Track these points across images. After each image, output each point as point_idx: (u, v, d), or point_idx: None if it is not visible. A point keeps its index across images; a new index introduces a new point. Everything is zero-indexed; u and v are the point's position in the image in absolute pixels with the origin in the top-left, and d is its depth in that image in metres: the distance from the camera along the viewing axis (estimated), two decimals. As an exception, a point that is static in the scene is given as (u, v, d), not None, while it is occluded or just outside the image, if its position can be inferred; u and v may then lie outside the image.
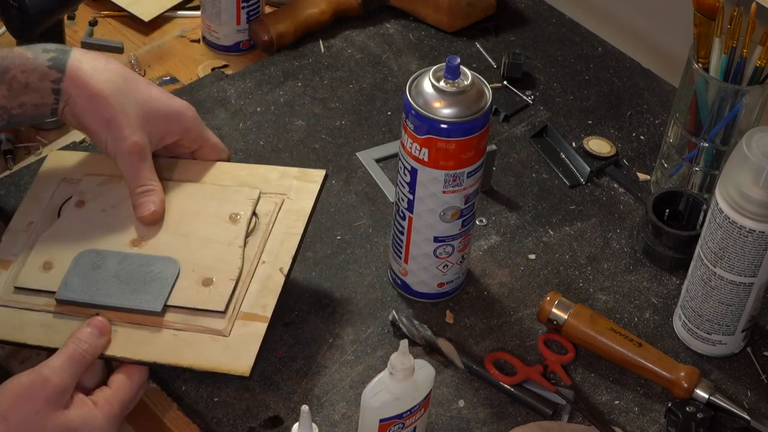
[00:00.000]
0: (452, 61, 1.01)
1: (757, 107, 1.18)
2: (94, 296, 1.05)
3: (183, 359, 1.02)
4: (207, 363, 1.02)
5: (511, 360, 1.10)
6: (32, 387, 0.96)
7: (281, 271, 1.07)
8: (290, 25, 1.40)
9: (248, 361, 1.01)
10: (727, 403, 1.07)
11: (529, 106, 1.37)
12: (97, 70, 1.08)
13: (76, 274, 1.06)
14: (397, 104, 1.36)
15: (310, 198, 1.12)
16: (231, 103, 1.34)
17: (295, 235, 1.09)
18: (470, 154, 1.04)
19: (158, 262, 1.07)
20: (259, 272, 1.07)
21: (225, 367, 1.01)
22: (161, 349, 1.03)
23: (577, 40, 1.46)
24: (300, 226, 1.10)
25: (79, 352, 0.99)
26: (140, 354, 1.02)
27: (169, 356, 1.02)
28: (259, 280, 1.07)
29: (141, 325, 1.04)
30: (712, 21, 1.16)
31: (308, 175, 1.14)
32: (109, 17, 1.46)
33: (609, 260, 1.21)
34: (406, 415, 0.97)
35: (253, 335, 1.03)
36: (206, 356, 1.02)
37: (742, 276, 1.06)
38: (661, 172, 1.27)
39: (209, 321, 1.04)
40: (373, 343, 1.12)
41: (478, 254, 1.21)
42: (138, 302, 1.04)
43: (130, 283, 1.05)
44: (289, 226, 1.10)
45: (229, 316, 1.04)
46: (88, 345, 1.00)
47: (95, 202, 1.12)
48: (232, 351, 1.02)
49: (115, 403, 1.00)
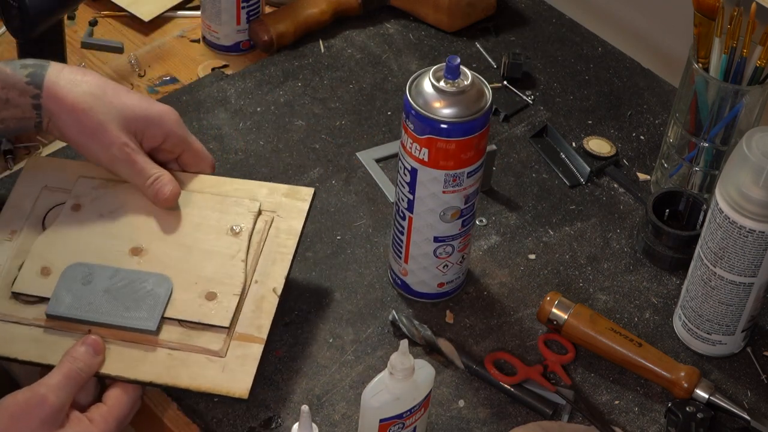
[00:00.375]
0: (452, 61, 1.01)
1: (757, 107, 1.18)
2: (85, 312, 1.04)
3: (179, 380, 1.01)
4: (204, 384, 1.01)
5: (511, 360, 1.10)
6: (28, 406, 0.96)
7: (274, 292, 1.07)
8: (290, 25, 1.40)
9: (246, 384, 1.01)
10: (727, 403, 1.07)
11: (529, 106, 1.37)
12: (74, 83, 1.08)
13: (66, 289, 1.05)
14: (397, 104, 1.36)
15: (300, 217, 1.12)
16: (231, 103, 1.34)
17: (287, 255, 1.09)
18: (470, 154, 1.04)
19: (150, 278, 1.06)
20: (252, 292, 1.07)
21: (223, 390, 1.01)
22: (156, 369, 1.02)
23: (577, 40, 1.47)
24: (291, 245, 1.10)
25: (75, 370, 0.99)
26: (136, 373, 1.01)
27: (165, 376, 1.01)
28: (252, 300, 1.06)
29: (134, 343, 1.03)
30: (712, 21, 1.16)
31: (297, 193, 1.13)
32: (109, 17, 1.46)
33: (609, 260, 1.21)
34: (406, 415, 0.97)
35: (249, 357, 1.03)
36: (203, 377, 1.01)
37: (742, 276, 1.06)
38: (661, 172, 1.27)
39: (205, 340, 1.03)
40: (373, 343, 1.12)
41: (478, 254, 1.21)
42: (133, 321, 1.03)
43: (122, 299, 1.04)
44: (280, 245, 1.10)
45: (225, 336, 1.04)
46: (83, 364, 1.00)
47: (92, 205, 1.11)
48: (229, 373, 1.02)
49: (111, 420, 0.99)
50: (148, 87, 1.36)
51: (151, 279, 1.06)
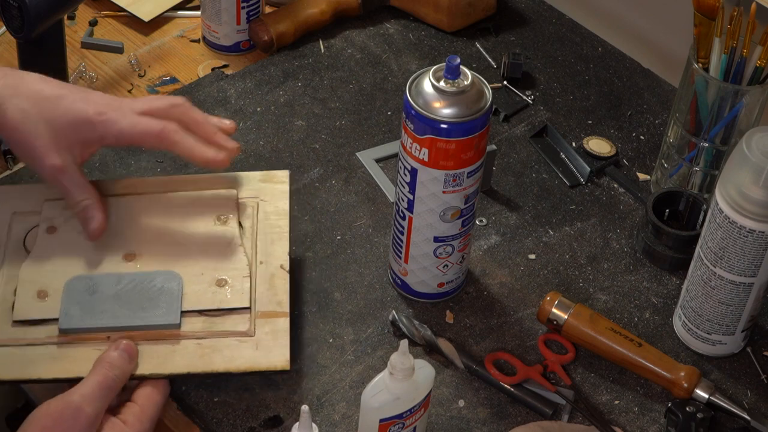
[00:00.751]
0: (452, 61, 1.01)
1: (757, 107, 1.18)
2: (100, 320, 1.03)
3: (215, 365, 1.02)
4: (242, 365, 1.02)
5: (511, 360, 1.10)
6: (62, 417, 0.93)
7: (283, 268, 1.08)
8: (290, 25, 1.40)
9: (284, 356, 1.02)
10: (727, 403, 1.07)
11: (529, 106, 1.37)
12: (5, 99, 1.05)
13: (73, 302, 1.04)
14: (397, 104, 1.36)
15: (284, 198, 1.14)
16: (231, 103, 1.34)
17: (283, 234, 1.11)
18: (470, 154, 1.04)
19: (158, 276, 1.06)
20: (260, 272, 1.08)
21: (263, 365, 1.02)
22: (189, 359, 1.02)
23: (577, 40, 1.47)
24: (284, 224, 1.11)
25: (111, 378, 0.97)
26: (169, 368, 1.01)
27: (200, 365, 1.01)
28: (263, 280, 1.07)
29: (159, 340, 1.03)
30: (712, 21, 1.16)
31: (273, 177, 1.15)
32: (109, 17, 1.46)
33: (609, 260, 1.21)
34: (406, 415, 0.97)
35: (279, 331, 1.04)
36: (239, 358, 1.02)
37: (742, 276, 1.06)
38: (661, 172, 1.27)
39: (231, 324, 1.04)
40: (373, 343, 1.12)
41: (478, 254, 1.21)
42: (153, 318, 1.03)
43: (135, 301, 1.04)
44: (272, 226, 1.11)
45: (248, 316, 1.04)
46: (120, 370, 0.98)
47: (67, 225, 1.10)
48: (263, 349, 1.03)
49: (145, 419, 0.98)
50: (148, 87, 1.36)
51: (159, 277, 1.06)
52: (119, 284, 1.05)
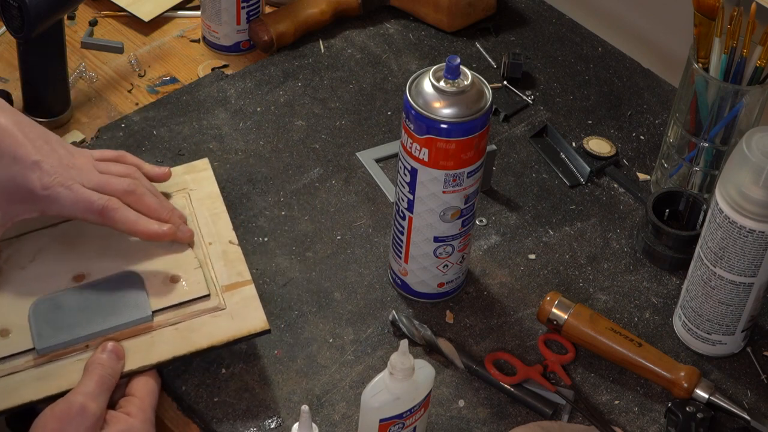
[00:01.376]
0: (452, 61, 1.01)
1: (757, 107, 1.18)
2: (74, 332, 1.03)
3: (199, 343, 1.04)
4: (225, 336, 1.04)
5: (511, 360, 1.10)
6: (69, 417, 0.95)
7: (232, 243, 1.12)
8: (290, 25, 1.40)
9: (261, 318, 1.06)
10: (727, 403, 1.07)
11: (529, 106, 1.37)
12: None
13: (42, 323, 1.04)
14: (397, 104, 1.36)
15: (212, 183, 1.17)
16: (231, 103, 1.34)
17: (222, 212, 1.14)
18: (470, 154, 1.04)
19: (116, 278, 1.07)
20: (213, 252, 1.11)
21: (244, 331, 1.05)
22: (171, 345, 1.04)
23: (577, 40, 1.47)
24: (220, 204, 1.15)
25: (105, 376, 0.99)
26: (155, 357, 1.03)
27: (184, 346, 1.04)
28: (217, 257, 1.10)
29: (136, 336, 1.04)
30: (712, 21, 1.16)
31: (195, 168, 1.19)
32: (109, 17, 1.46)
33: (609, 260, 1.21)
34: (406, 415, 0.97)
35: (248, 297, 1.07)
36: (220, 331, 1.05)
37: (742, 276, 1.06)
38: (661, 172, 1.27)
39: (200, 305, 1.06)
40: (373, 343, 1.12)
41: (478, 254, 1.21)
42: (126, 317, 1.04)
43: (102, 306, 1.05)
44: (209, 209, 1.15)
45: (214, 293, 1.07)
46: (111, 369, 1.00)
47: (8, 264, 1.09)
48: (239, 317, 1.06)
49: (147, 408, 1.00)
50: (148, 87, 1.36)
51: (117, 278, 1.07)
52: (81, 296, 1.06)
